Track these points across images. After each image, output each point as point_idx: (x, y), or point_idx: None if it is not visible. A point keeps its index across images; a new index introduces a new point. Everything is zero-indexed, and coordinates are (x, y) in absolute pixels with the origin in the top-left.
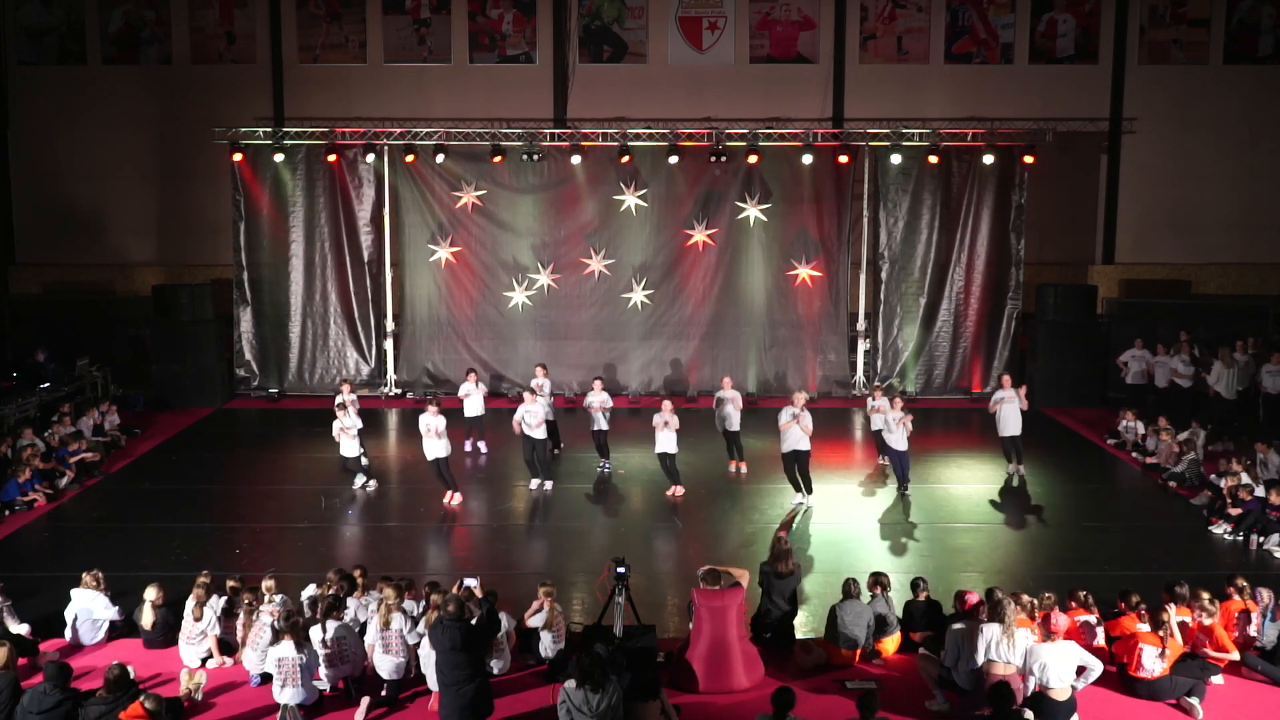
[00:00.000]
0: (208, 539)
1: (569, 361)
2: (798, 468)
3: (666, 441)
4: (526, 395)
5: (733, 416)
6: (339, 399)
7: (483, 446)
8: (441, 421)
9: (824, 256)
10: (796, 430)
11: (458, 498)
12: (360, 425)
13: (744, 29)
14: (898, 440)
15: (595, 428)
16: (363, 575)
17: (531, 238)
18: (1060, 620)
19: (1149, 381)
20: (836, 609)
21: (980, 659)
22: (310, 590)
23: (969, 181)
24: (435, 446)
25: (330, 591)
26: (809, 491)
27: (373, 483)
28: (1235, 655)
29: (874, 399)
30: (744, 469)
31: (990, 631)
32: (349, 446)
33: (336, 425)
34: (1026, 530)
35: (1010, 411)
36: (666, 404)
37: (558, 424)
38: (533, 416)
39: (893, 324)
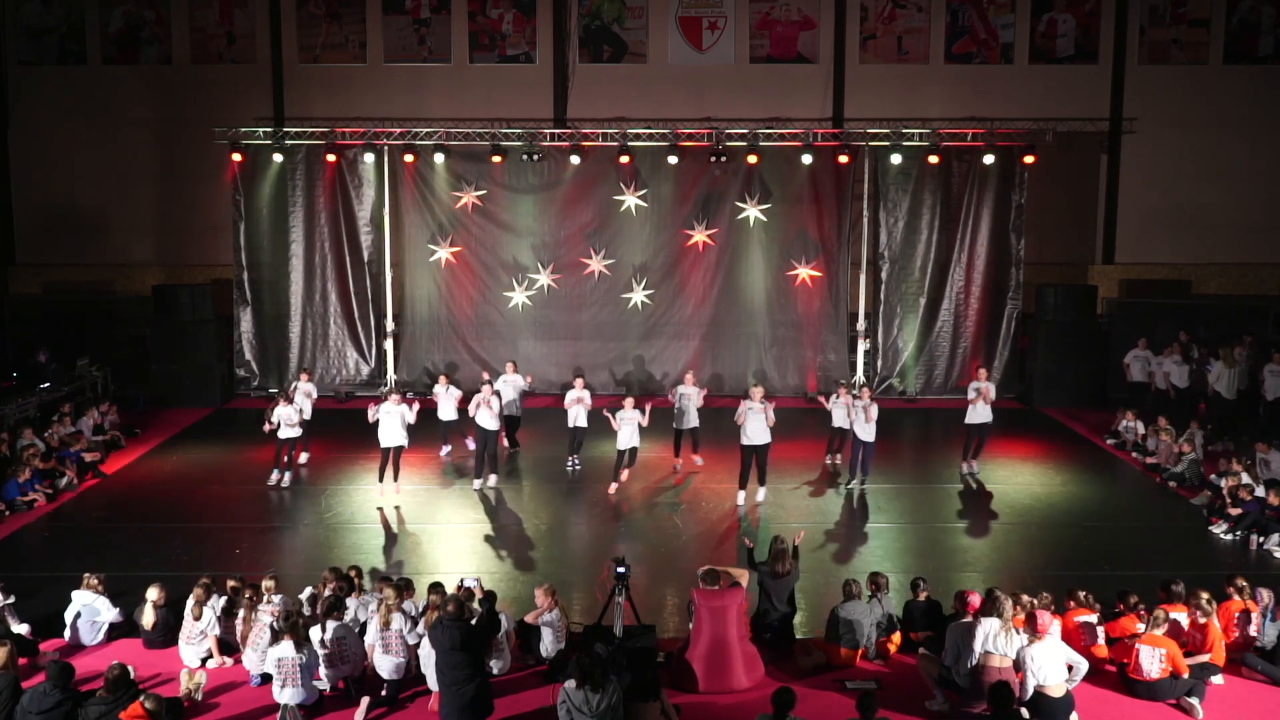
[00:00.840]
0: (208, 539)
1: (569, 361)
2: (756, 460)
3: (631, 437)
4: (485, 388)
5: (692, 412)
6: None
7: (469, 444)
8: (406, 410)
9: (824, 256)
10: (759, 423)
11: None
12: (304, 416)
13: (744, 29)
14: (867, 431)
15: (579, 424)
16: (358, 576)
17: (531, 238)
18: (1045, 618)
19: (1151, 381)
20: (837, 610)
21: (977, 650)
22: (309, 590)
23: (969, 181)
24: (397, 435)
25: (328, 591)
26: (762, 483)
27: (287, 475)
28: (1205, 658)
29: (839, 396)
30: (699, 460)
31: (988, 625)
32: (287, 430)
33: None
34: (1026, 530)
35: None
36: (629, 401)
37: (520, 422)
38: (484, 412)
39: (893, 324)
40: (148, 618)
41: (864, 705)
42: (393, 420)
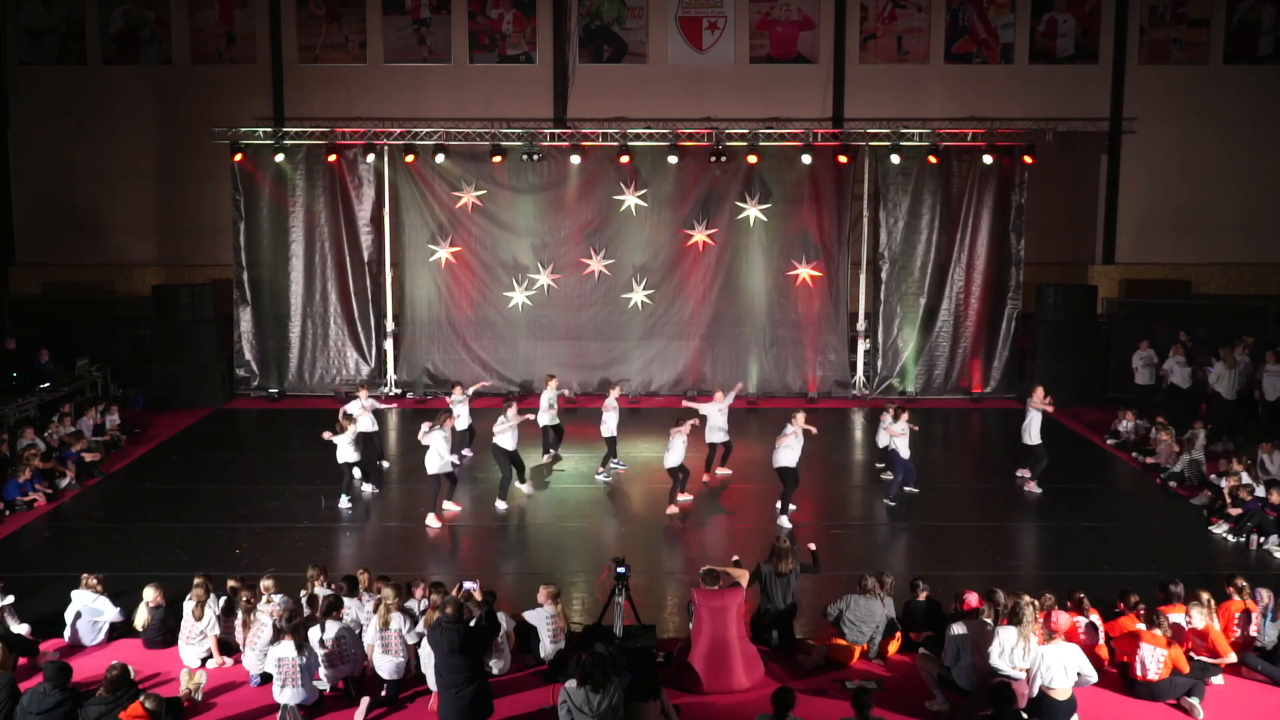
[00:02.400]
0: (208, 539)
1: (569, 362)
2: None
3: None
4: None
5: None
6: (351, 407)
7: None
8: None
9: (824, 256)
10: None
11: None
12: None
13: (744, 29)
14: (904, 448)
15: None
16: (369, 580)
17: (531, 238)
18: (1061, 619)
19: (1157, 382)
20: (849, 600)
21: (995, 663)
22: (304, 592)
23: (969, 181)
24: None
25: (318, 589)
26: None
27: (368, 486)
28: (1232, 658)
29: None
30: (729, 472)
31: (1006, 637)
32: (348, 452)
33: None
34: (1027, 530)
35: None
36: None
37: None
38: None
39: (893, 324)
40: (141, 618)
41: (859, 703)
42: (432, 447)
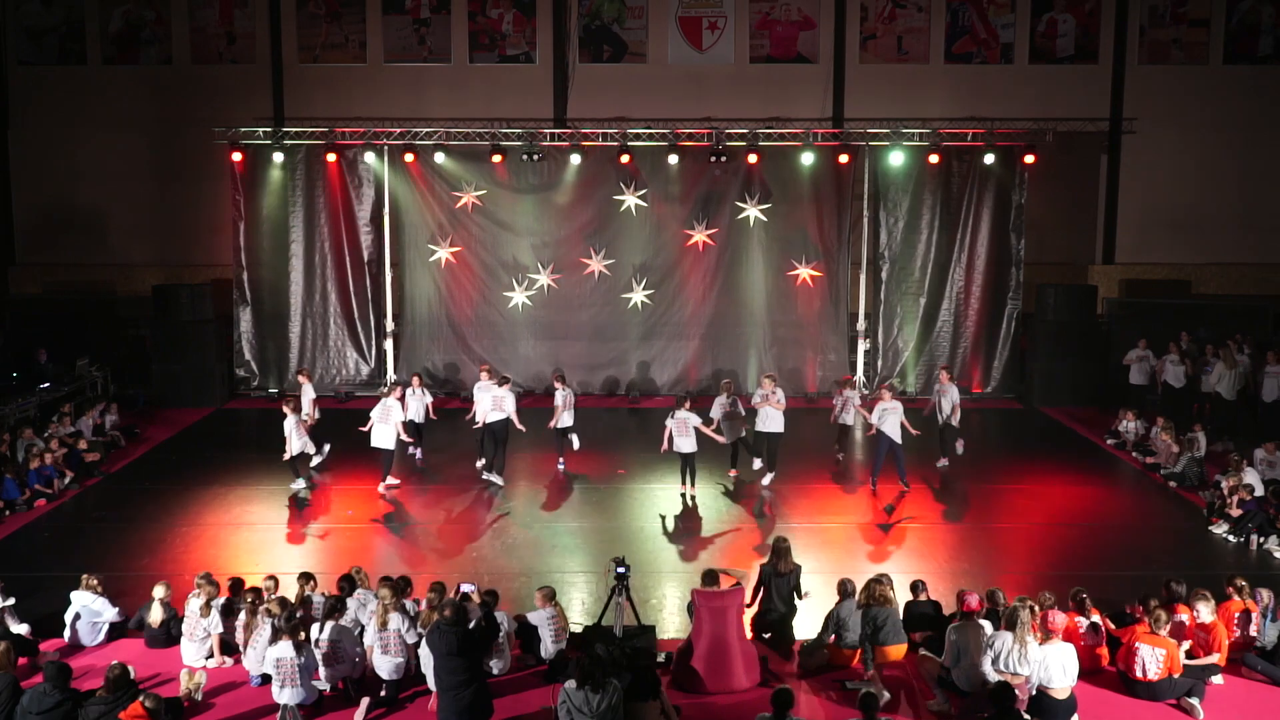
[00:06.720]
0: (208, 539)
1: (569, 361)
2: (767, 447)
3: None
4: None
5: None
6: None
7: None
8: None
9: (824, 256)
10: (770, 410)
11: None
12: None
13: (744, 29)
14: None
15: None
16: (362, 580)
17: (531, 238)
18: (1059, 619)
19: (1152, 381)
20: (835, 610)
21: (988, 670)
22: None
23: (969, 181)
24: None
25: (316, 596)
26: (771, 469)
27: (301, 482)
28: (1214, 658)
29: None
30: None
31: (1002, 642)
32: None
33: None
34: (1027, 530)
35: (947, 403)
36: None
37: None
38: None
39: (893, 324)
40: (155, 615)
41: (865, 704)
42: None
